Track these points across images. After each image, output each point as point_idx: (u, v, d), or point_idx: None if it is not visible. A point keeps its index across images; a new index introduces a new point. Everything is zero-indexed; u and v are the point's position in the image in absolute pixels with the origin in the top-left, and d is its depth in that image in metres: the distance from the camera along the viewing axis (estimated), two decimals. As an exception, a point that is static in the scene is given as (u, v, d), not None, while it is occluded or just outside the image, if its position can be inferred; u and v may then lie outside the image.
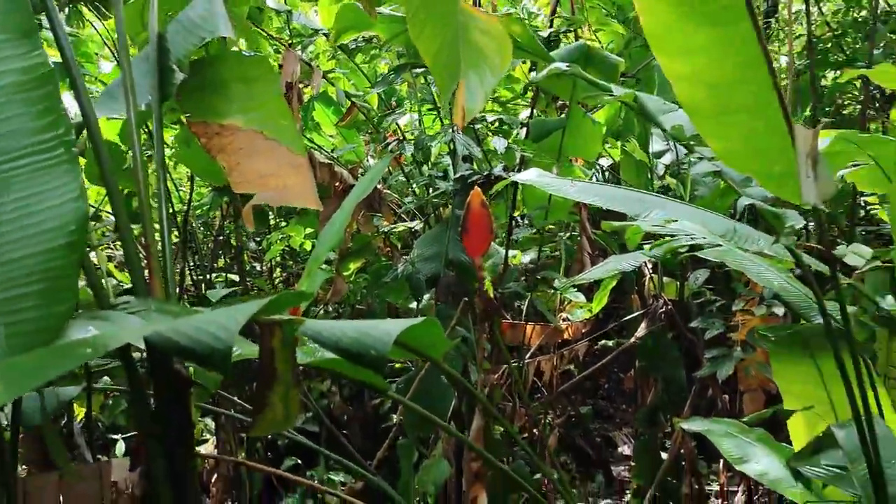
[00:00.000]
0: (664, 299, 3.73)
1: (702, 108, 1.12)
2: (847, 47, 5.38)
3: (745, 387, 3.60)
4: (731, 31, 1.00)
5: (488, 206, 1.46)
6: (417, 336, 0.93)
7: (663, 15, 1.01)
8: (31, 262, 0.73)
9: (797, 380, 1.96)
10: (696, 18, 0.99)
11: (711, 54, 1.03)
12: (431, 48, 1.04)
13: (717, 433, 2.28)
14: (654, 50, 1.08)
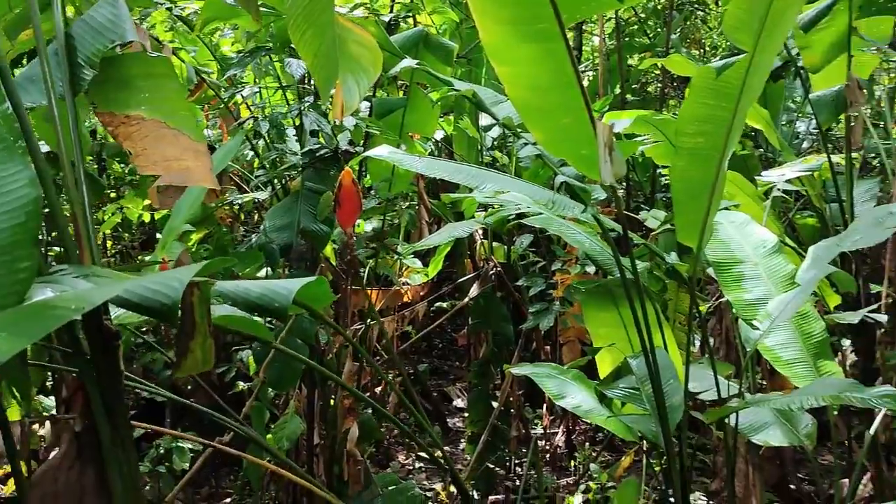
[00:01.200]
0: (494, 262, 4.13)
1: (526, 105, 1.42)
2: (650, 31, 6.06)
3: (564, 338, 4.10)
4: (548, 47, 1.31)
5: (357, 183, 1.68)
6: (310, 292, 1.15)
7: (496, 33, 1.30)
8: (7, 227, 0.87)
9: (604, 324, 2.38)
10: (520, 37, 1.29)
11: (532, 64, 1.34)
12: (310, 51, 1.25)
13: (541, 375, 2.64)
14: (490, 58, 1.37)
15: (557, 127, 1.44)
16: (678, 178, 1.88)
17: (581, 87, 1.36)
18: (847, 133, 2.58)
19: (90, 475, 1.05)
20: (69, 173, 1.04)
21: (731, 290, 2.37)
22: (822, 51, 2.44)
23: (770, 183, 2.90)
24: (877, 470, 2.91)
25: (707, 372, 2.30)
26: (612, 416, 2.31)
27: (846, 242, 2.18)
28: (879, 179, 3.57)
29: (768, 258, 2.45)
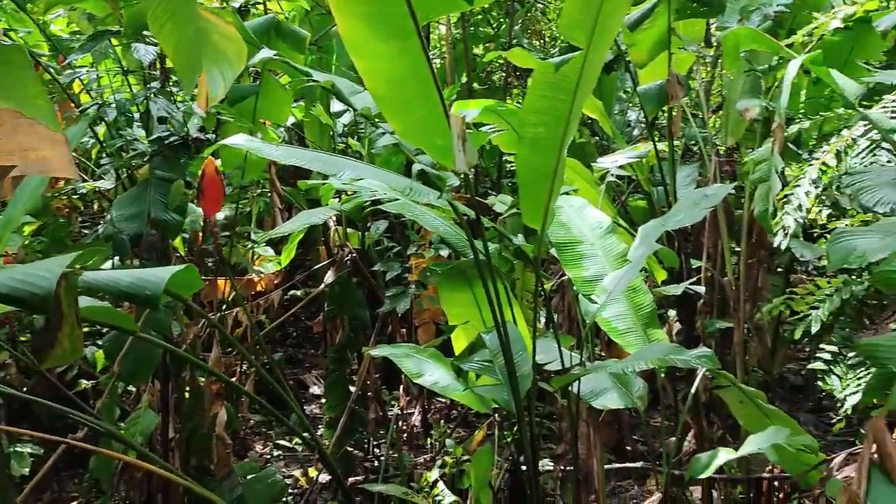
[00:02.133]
0: (349, 248, 4.20)
1: (383, 98, 1.51)
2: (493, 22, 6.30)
3: (420, 321, 4.24)
4: (404, 44, 1.40)
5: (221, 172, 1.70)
6: (180, 280, 1.18)
7: (354, 29, 1.37)
8: None
9: (458, 304, 2.53)
10: (377, 33, 1.38)
11: (389, 60, 1.43)
12: (171, 42, 1.26)
13: (399, 355, 2.75)
14: (349, 52, 1.44)
15: (414, 119, 1.54)
16: (522, 165, 2.04)
17: (435, 81, 1.47)
18: (669, 123, 2.87)
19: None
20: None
21: (572, 268, 2.59)
22: (647, 48, 2.71)
23: (604, 169, 3.17)
24: (698, 427, 3.28)
25: (552, 344, 2.50)
26: (468, 389, 2.47)
27: (670, 222, 2.45)
28: (699, 164, 3.97)
29: (603, 238, 2.70)
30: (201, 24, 1.28)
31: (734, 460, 2.65)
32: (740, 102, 3.44)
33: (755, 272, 3.65)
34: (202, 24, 1.28)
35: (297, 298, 5.07)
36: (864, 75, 3.50)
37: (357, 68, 1.47)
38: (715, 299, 3.66)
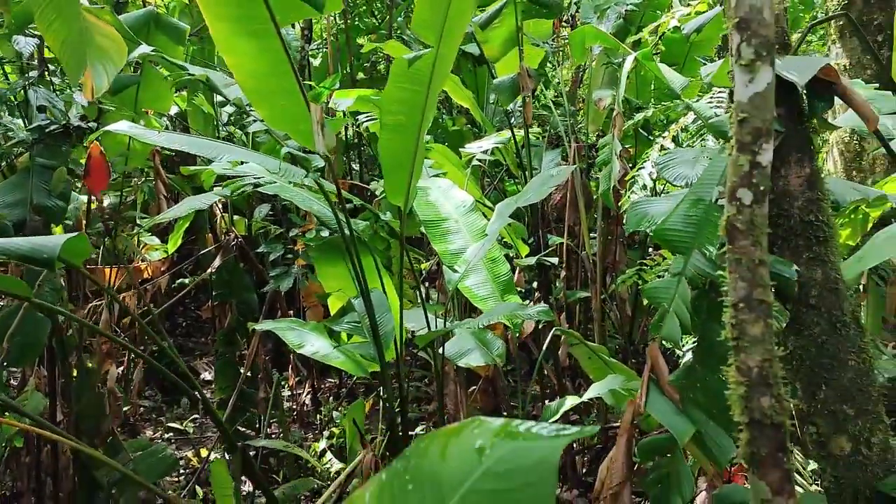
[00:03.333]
0: (235, 233, 4.35)
1: (250, 89, 1.74)
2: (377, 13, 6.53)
3: (308, 303, 4.45)
4: (265, 43, 1.64)
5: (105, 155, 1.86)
6: (72, 247, 1.37)
7: (221, 29, 1.60)
8: None
9: (335, 277, 2.78)
10: (241, 33, 1.61)
11: (253, 56, 1.66)
12: (58, 39, 1.44)
13: (282, 328, 2.97)
14: (219, 50, 1.66)
15: (277, 107, 1.78)
16: (384, 149, 2.30)
17: (296, 74, 1.71)
18: (524, 111, 3.21)
19: None
20: None
21: (438, 242, 2.89)
22: (498, 45, 3.03)
23: (470, 153, 3.48)
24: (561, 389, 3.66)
25: (420, 313, 2.79)
26: (346, 357, 2.73)
27: (521, 200, 2.77)
28: (561, 150, 4.36)
29: (467, 216, 3.00)
30: (84, 24, 1.46)
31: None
32: (596, 93, 3.84)
33: (613, 247, 4.08)
34: (85, 24, 1.46)
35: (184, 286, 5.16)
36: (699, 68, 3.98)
37: (226, 63, 1.69)
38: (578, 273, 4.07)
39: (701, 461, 1.66)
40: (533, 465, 0.57)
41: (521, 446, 0.59)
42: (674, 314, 1.56)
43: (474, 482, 0.58)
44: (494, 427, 0.63)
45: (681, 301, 1.57)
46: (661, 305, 1.63)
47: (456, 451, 0.63)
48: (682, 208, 1.68)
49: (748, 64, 0.74)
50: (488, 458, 0.59)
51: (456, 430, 0.65)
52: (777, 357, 0.74)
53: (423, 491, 0.60)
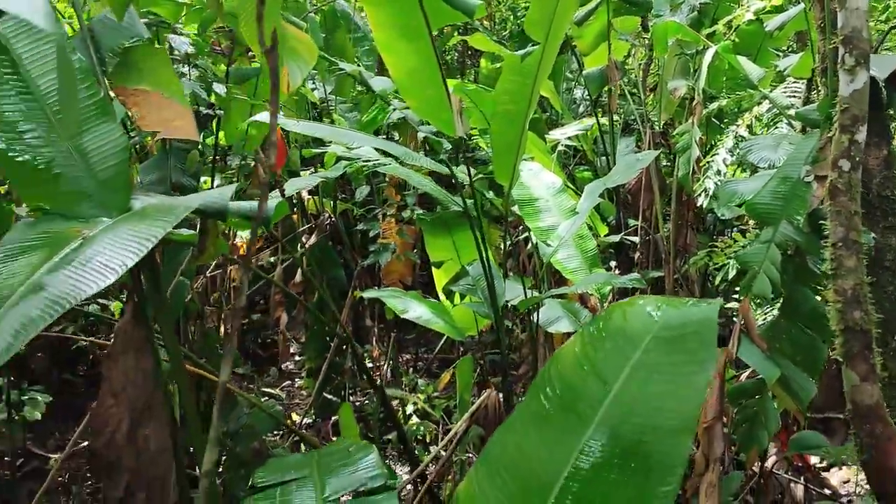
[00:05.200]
0: (328, 213, 4.75)
1: (403, 83, 2.10)
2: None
3: (388, 281, 4.82)
4: (418, 44, 1.99)
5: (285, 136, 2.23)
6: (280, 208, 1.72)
7: (384, 34, 1.96)
8: (111, 169, 1.38)
9: (440, 247, 3.14)
10: (401, 36, 1.96)
11: (409, 55, 2.01)
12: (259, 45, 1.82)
13: (386, 296, 3.35)
14: (380, 49, 2.03)
15: (424, 97, 2.13)
16: (496, 135, 2.64)
17: (441, 70, 2.06)
18: (609, 101, 3.51)
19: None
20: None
21: (531, 220, 3.22)
22: (590, 40, 3.34)
23: (555, 140, 3.80)
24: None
25: (516, 285, 3.13)
26: (445, 322, 3.09)
27: (609, 181, 3.09)
28: (635, 137, 4.65)
29: (556, 196, 3.33)
30: (282, 31, 1.81)
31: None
32: (671, 83, 4.12)
33: (684, 230, 4.36)
34: (282, 31, 1.82)
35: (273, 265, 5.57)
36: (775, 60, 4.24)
37: (384, 61, 2.05)
38: (651, 254, 4.35)
39: (785, 402, 1.96)
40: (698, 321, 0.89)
41: (685, 310, 0.92)
42: (764, 275, 1.86)
43: (656, 332, 0.90)
44: (659, 299, 0.96)
45: (770, 264, 1.88)
46: (751, 268, 1.93)
47: (633, 315, 0.96)
48: (771, 185, 1.98)
49: (850, 69, 1.02)
50: (661, 318, 0.92)
51: (628, 303, 0.98)
52: (866, 283, 1.04)
53: (616, 339, 0.93)
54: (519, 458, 0.86)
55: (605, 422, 0.83)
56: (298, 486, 1.15)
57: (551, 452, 0.84)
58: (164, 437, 1.53)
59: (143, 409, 1.49)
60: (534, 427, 0.88)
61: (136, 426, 1.50)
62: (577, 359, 0.91)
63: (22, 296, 1.10)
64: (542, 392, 0.90)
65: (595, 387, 0.87)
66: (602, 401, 0.85)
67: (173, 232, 1.44)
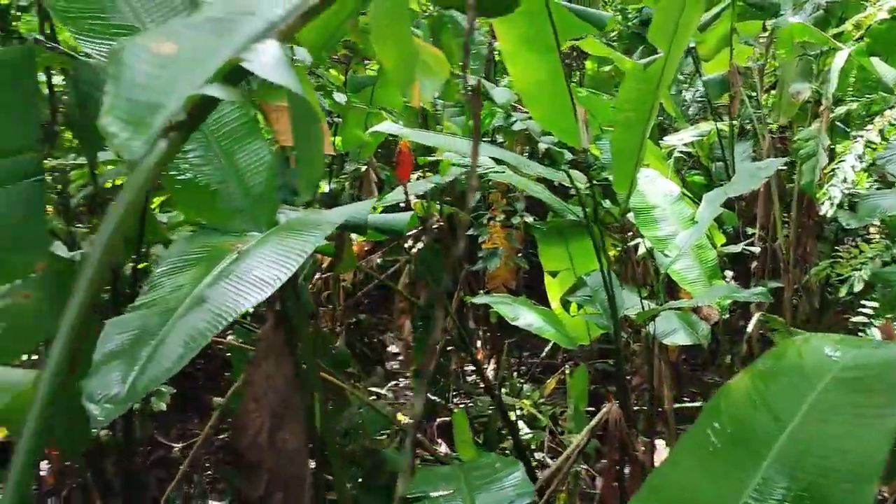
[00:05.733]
0: (437, 218, 4.81)
1: (528, 94, 2.11)
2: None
3: (493, 285, 4.84)
4: (545, 56, 2.00)
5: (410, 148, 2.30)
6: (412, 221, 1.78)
7: (512, 47, 1.97)
8: (260, 185, 1.47)
9: (553, 256, 3.13)
10: (528, 48, 1.97)
11: (535, 66, 2.02)
12: (391, 59, 1.87)
13: (496, 302, 3.37)
14: (505, 61, 2.05)
15: (548, 108, 2.14)
16: (615, 142, 2.61)
17: (567, 81, 2.06)
18: (729, 107, 3.42)
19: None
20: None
21: (647, 228, 3.16)
22: (712, 45, 3.26)
23: (671, 145, 3.72)
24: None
25: (632, 295, 3.08)
26: (557, 330, 3.08)
27: (730, 190, 3.00)
28: (753, 142, 4.49)
29: (674, 204, 3.26)
30: (414, 47, 1.86)
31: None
32: (793, 86, 3.96)
33: (804, 239, 4.18)
34: (415, 46, 1.87)
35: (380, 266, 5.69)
36: (907, 62, 4.00)
37: (509, 71, 2.07)
38: (768, 264, 4.20)
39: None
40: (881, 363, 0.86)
41: (867, 351, 0.89)
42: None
43: (836, 372, 0.88)
44: (835, 337, 0.93)
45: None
46: (892, 287, 1.84)
47: (809, 352, 0.93)
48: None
49: None
50: (840, 358, 0.90)
51: (803, 340, 0.96)
52: None
53: (791, 376, 0.91)
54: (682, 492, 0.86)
55: (780, 459, 0.82)
56: (447, 500, 1.18)
57: (719, 487, 0.83)
58: (301, 438, 1.59)
59: (282, 413, 1.56)
60: (699, 461, 0.88)
61: (275, 429, 1.57)
62: (748, 393, 0.89)
63: (188, 308, 1.17)
64: (710, 426, 0.89)
65: (767, 423, 0.85)
66: (776, 438, 0.84)
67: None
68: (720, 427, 0.88)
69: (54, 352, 0.65)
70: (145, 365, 1.07)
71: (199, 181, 1.40)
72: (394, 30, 1.82)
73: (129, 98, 0.59)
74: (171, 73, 0.62)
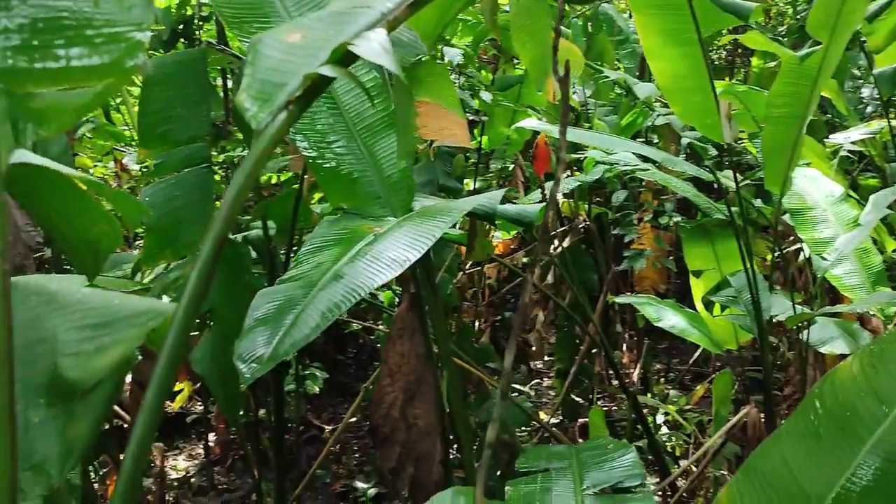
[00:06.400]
0: (583, 217, 4.80)
1: (669, 88, 2.10)
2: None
3: (641, 288, 4.76)
4: (687, 49, 1.98)
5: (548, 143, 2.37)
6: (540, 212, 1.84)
7: (653, 41, 1.98)
8: (397, 174, 1.60)
9: (699, 257, 3.06)
10: (670, 42, 1.96)
11: (675, 61, 2.01)
12: (529, 56, 1.93)
13: (640, 303, 3.34)
14: (647, 56, 2.05)
15: (690, 103, 2.11)
16: (767, 139, 2.52)
17: (710, 76, 2.03)
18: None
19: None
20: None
21: (805, 231, 3.02)
22: (883, 36, 3.04)
23: (837, 144, 3.51)
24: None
25: (784, 300, 2.95)
26: (703, 335, 3.01)
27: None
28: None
29: (835, 206, 3.09)
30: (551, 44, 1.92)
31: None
32: (983, 79, 3.61)
33: None
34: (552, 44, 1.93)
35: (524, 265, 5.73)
36: None
37: (651, 68, 2.07)
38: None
39: None
40: None
41: None
42: None
43: None
44: None
45: None
46: None
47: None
48: None
49: None
50: None
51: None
52: None
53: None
54: (784, 471, 0.85)
55: (880, 445, 0.80)
56: (558, 475, 1.23)
57: (820, 469, 0.83)
58: (432, 417, 1.69)
59: (414, 389, 1.67)
60: (802, 442, 0.87)
61: (407, 404, 1.67)
62: (855, 378, 0.88)
63: (327, 282, 1.29)
64: (813, 408, 0.89)
65: (873, 408, 0.84)
66: (879, 423, 0.82)
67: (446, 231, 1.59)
68: (823, 410, 0.87)
69: (188, 288, 0.77)
70: (288, 330, 1.20)
71: (342, 170, 1.53)
72: (531, 26, 1.89)
73: (261, 79, 0.70)
74: (295, 58, 0.72)
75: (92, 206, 0.70)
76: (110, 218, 0.74)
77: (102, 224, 0.73)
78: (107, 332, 0.76)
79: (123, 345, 0.76)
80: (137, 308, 0.81)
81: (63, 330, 0.75)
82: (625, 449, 1.30)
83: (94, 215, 0.72)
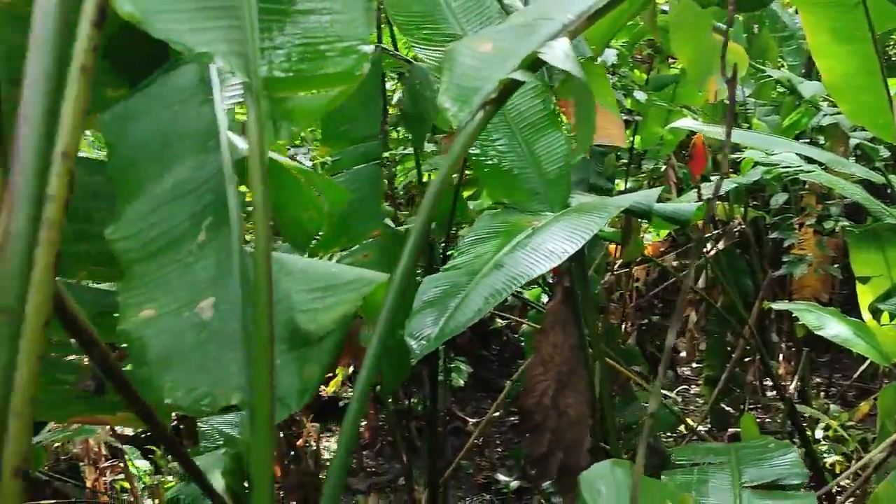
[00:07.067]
0: (738, 220, 4.66)
1: (837, 87, 2.05)
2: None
3: (801, 296, 4.55)
4: (857, 47, 1.92)
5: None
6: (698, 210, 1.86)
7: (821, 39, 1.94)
8: (556, 171, 1.69)
9: (868, 263, 2.92)
10: (839, 40, 1.92)
11: (844, 59, 1.96)
12: (687, 55, 1.96)
13: (800, 309, 3.21)
14: (814, 54, 2.02)
15: (860, 101, 2.06)
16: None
17: (883, 75, 1.97)
18: None
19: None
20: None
21: None
22: None
23: None
24: None
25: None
26: (869, 345, 2.87)
27: None
28: None
29: None
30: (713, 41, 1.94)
31: None
32: None
33: None
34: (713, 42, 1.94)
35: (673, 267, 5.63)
36: None
37: (818, 65, 2.03)
38: None
39: None
40: None
41: None
42: None
43: None
44: None
45: None
46: None
47: None
48: None
49: None
50: None
51: None
52: None
53: None
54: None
55: None
56: (714, 469, 1.26)
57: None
58: (583, 407, 1.75)
59: (566, 379, 1.74)
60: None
61: (559, 393, 1.75)
62: None
63: (489, 271, 1.39)
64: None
65: None
66: None
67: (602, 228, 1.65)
68: None
69: (401, 264, 0.90)
70: (453, 313, 1.31)
71: (503, 166, 1.63)
72: (693, 25, 1.91)
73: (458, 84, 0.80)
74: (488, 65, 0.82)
75: (305, 193, 0.83)
76: (319, 204, 0.87)
77: (311, 209, 0.86)
78: (331, 294, 0.90)
79: (345, 305, 0.89)
80: (353, 275, 0.96)
81: (295, 292, 0.89)
82: (786, 448, 1.31)
83: (306, 201, 0.85)
